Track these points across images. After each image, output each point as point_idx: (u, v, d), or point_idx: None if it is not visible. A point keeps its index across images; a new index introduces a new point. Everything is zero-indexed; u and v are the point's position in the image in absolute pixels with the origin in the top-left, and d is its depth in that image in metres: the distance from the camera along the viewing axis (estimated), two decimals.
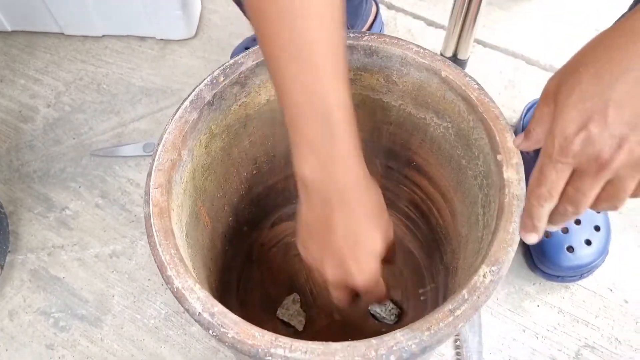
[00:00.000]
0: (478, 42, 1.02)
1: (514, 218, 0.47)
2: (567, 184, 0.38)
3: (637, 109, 0.34)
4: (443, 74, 0.54)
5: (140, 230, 0.84)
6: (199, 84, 0.53)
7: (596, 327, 0.78)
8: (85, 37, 1.01)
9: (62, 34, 1.01)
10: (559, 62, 1.05)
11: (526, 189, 0.44)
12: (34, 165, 0.90)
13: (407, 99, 0.60)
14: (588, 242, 0.77)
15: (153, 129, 0.92)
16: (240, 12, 0.80)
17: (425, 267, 0.76)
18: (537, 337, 0.77)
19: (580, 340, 0.77)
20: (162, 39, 1.01)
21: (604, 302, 0.79)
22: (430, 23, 1.05)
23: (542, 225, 0.41)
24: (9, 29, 1.00)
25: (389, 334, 0.42)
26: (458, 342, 0.77)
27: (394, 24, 1.04)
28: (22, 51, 1.00)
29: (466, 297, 0.44)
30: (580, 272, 0.78)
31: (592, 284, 0.80)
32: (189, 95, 0.53)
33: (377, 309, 0.70)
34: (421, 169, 0.67)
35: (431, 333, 0.42)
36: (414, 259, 0.76)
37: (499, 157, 0.50)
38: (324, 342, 0.42)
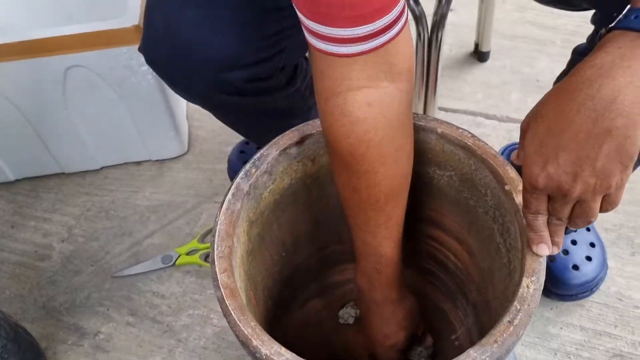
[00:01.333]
0: (440, 109, 1.14)
1: None
2: (548, 203, 0.49)
3: (580, 152, 0.44)
4: (439, 130, 0.63)
5: (175, 338, 0.87)
6: (236, 177, 0.60)
7: (618, 336, 0.84)
8: (85, 172, 1.07)
9: (63, 173, 1.07)
10: (513, 111, 1.18)
11: None
12: (59, 299, 0.92)
13: None
14: (589, 258, 0.85)
15: (166, 242, 0.97)
16: (223, 124, 0.86)
17: (451, 313, 0.81)
18: (569, 357, 0.82)
19: (608, 351, 0.82)
20: (157, 160, 1.08)
21: (617, 311, 0.86)
22: None
23: (545, 234, 0.51)
24: (12, 178, 1.06)
25: (463, 353, 0.47)
26: None
27: None
28: (27, 196, 1.05)
29: (518, 307, 0.50)
30: (589, 286, 0.85)
31: (602, 298, 0.87)
32: (229, 189, 0.59)
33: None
34: (432, 221, 0.74)
35: (499, 344, 0.48)
36: (439, 309, 0.81)
37: (506, 187, 0.58)
38: None
